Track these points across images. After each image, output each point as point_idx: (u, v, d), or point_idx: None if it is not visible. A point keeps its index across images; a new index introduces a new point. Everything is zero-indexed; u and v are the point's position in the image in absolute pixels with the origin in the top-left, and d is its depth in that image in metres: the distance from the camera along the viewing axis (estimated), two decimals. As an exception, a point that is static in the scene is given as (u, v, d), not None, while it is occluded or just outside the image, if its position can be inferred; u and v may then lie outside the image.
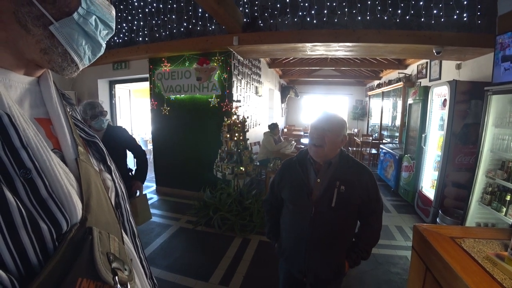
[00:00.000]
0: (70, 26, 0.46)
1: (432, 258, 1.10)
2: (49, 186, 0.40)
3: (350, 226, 1.40)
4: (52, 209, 0.39)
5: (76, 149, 0.50)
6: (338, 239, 1.36)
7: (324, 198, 1.32)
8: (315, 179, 1.39)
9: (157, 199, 4.87)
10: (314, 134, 1.35)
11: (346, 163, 1.39)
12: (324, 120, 1.37)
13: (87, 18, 0.47)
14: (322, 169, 1.38)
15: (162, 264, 2.85)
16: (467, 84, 3.52)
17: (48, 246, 0.37)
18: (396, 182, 5.10)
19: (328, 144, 1.32)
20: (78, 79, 5.74)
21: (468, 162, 3.53)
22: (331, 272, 1.39)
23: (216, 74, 4.40)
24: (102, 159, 0.62)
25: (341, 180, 1.32)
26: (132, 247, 0.59)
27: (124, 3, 4.85)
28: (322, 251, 1.35)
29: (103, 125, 2.27)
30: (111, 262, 0.42)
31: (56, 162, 0.43)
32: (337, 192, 1.30)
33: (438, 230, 1.26)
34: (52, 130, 0.50)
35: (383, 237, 3.42)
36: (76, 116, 0.64)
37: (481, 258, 1.02)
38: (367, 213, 1.40)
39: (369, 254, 1.41)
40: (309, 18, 3.71)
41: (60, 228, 0.39)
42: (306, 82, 12.11)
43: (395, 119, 7.27)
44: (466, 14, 3.38)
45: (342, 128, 1.38)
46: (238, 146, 3.75)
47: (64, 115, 0.52)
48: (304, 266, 1.39)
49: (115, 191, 0.61)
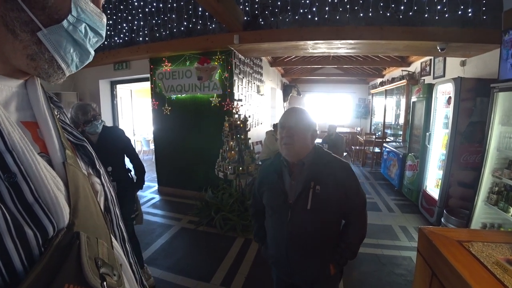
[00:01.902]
0: (59, 33, 0.45)
1: (439, 263, 1.05)
2: (35, 191, 0.39)
3: (331, 227, 1.35)
4: (38, 214, 0.38)
5: (63, 152, 0.49)
6: (318, 241, 1.31)
7: (299, 200, 1.27)
8: (289, 182, 1.35)
9: (159, 199, 4.86)
10: (283, 133, 1.31)
11: (321, 160, 1.33)
12: (289, 117, 1.33)
13: (76, 26, 0.47)
14: (296, 170, 1.34)
15: (163, 265, 2.83)
16: (472, 81, 3.45)
17: (33, 252, 0.36)
18: (400, 181, 5.04)
19: (297, 141, 1.28)
20: (79, 80, 5.74)
21: (474, 161, 3.46)
22: (316, 275, 1.35)
23: (217, 73, 4.37)
24: (91, 163, 0.61)
25: (316, 180, 1.27)
26: (122, 252, 0.58)
27: (124, 3, 4.83)
28: (302, 254, 1.31)
29: (97, 129, 2.21)
30: (99, 267, 0.42)
31: (42, 166, 0.42)
32: (312, 193, 1.25)
33: (444, 233, 1.21)
34: (39, 133, 0.49)
35: (386, 237, 3.39)
36: (65, 119, 0.63)
37: (491, 263, 0.97)
38: (348, 210, 1.35)
39: (355, 253, 1.36)
40: (310, 16, 3.66)
41: (46, 233, 0.38)
42: (308, 81, 12.04)
43: (399, 118, 7.20)
44: (470, 10, 3.32)
45: (310, 123, 1.33)
46: (239, 145, 3.72)
47: (51, 118, 0.51)
48: (289, 269, 1.37)
49: (104, 195, 0.60)
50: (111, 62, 5.30)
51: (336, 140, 4.83)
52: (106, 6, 4.96)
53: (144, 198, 4.82)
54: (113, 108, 6.04)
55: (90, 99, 5.58)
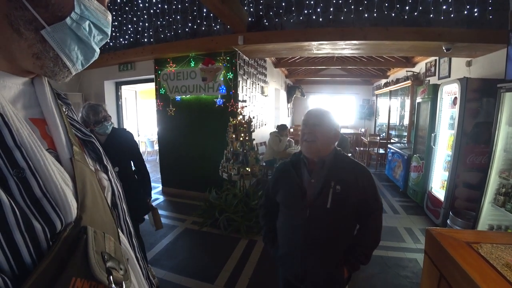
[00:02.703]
0: (63, 31, 0.45)
1: (448, 265, 1.04)
2: (43, 186, 0.40)
3: (347, 229, 1.34)
4: (46, 209, 0.39)
5: (71, 148, 0.50)
6: (334, 243, 1.30)
7: (319, 199, 1.27)
8: (309, 180, 1.33)
9: (163, 199, 4.87)
10: (305, 130, 1.32)
11: (341, 162, 1.34)
12: (314, 116, 1.33)
13: (80, 23, 0.47)
14: (316, 168, 1.33)
15: (167, 266, 2.83)
16: (478, 81, 3.42)
17: (42, 246, 0.37)
18: (405, 183, 5.00)
19: (320, 138, 1.28)
20: (84, 81, 5.79)
21: (480, 162, 3.42)
22: (329, 278, 1.33)
23: (221, 74, 4.38)
24: (99, 159, 0.62)
25: (336, 180, 1.27)
26: (129, 247, 0.59)
27: (129, 4, 4.87)
28: (317, 256, 1.30)
29: (107, 130, 2.23)
30: (106, 262, 0.42)
31: (50, 162, 0.43)
32: (333, 192, 1.25)
33: (453, 234, 1.19)
34: (47, 130, 0.50)
35: (392, 239, 3.37)
36: (73, 116, 0.64)
37: (500, 265, 0.95)
38: (365, 214, 1.34)
39: (369, 258, 1.34)
40: (314, 17, 3.66)
41: (54, 227, 0.39)
42: (312, 82, 12.01)
43: (403, 119, 7.15)
44: (476, 9, 3.29)
45: (333, 122, 1.34)
46: (244, 146, 3.71)
47: (59, 115, 0.52)
48: (300, 271, 1.34)
49: (111, 190, 0.61)
50: (116, 63, 5.33)
51: (341, 141, 4.80)
52: (112, 7, 5.00)
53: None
54: (118, 109, 6.07)
55: (95, 99, 5.61)
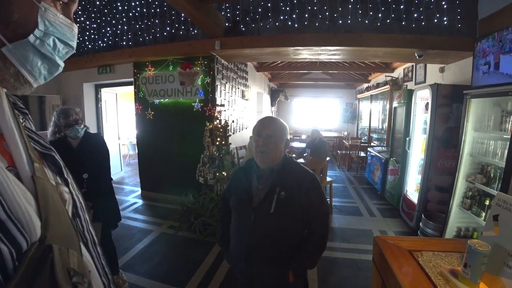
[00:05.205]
0: (25, 48, 0.44)
1: (387, 273, 1.06)
2: (7, 208, 0.39)
3: (293, 234, 1.36)
4: (11, 231, 0.38)
5: (32, 166, 0.49)
6: (279, 247, 1.33)
7: (264, 204, 1.30)
8: (257, 186, 1.38)
9: (141, 203, 4.80)
10: (259, 140, 1.34)
11: (289, 168, 1.38)
12: (268, 126, 1.36)
13: (44, 40, 0.46)
14: (264, 175, 1.38)
15: (139, 270, 2.80)
16: (448, 87, 3.53)
17: (8, 267, 0.37)
18: (383, 186, 5.09)
19: (273, 150, 1.33)
20: (63, 83, 5.66)
21: (450, 166, 3.51)
22: (275, 281, 1.36)
23: (199, 78, 4.36)
24: (59, 172, 0.60)
25: (282, 186, 1.31)
26: (90, 258, 0.58)
27: (108, 7, 4.80)
28: (262, 259, 1.33)
29: (78, 134, 2.19)
30: (72, 277, 0.42)
31: (13, 182, 0.42)
32: (277, 198, 1.29)
33: (398, 242, 1.22)
34: (5, 146, 0.48)
35: (365, 242, 3.40)
36: (30, 126, 0.62)
37: (435, 274, 0.97)
38: (311, 219, 1.37)
39: (314, 262, 1.39)
40: (290, 22, 3.70)
41: (20, 248, 0.39)
42: (296, 85, 12.13)
43: (384, 122, 7.29)
44: (446, 18, 3.40)
45: (285, 133, 1.39)
46: (220, 151, 3.71)
47: (17, 129, 0.50)
48: (249, 273, 1.39)
49: (72, 203, 0.60)
50: (95, 66, 5.23)
51: (320, 144, 4.86)
52: (90, 9, 4.92)
53: (126, 203, 4.77)
54: (98, 112, 5.95)
55: (74, 102, 5.49)
